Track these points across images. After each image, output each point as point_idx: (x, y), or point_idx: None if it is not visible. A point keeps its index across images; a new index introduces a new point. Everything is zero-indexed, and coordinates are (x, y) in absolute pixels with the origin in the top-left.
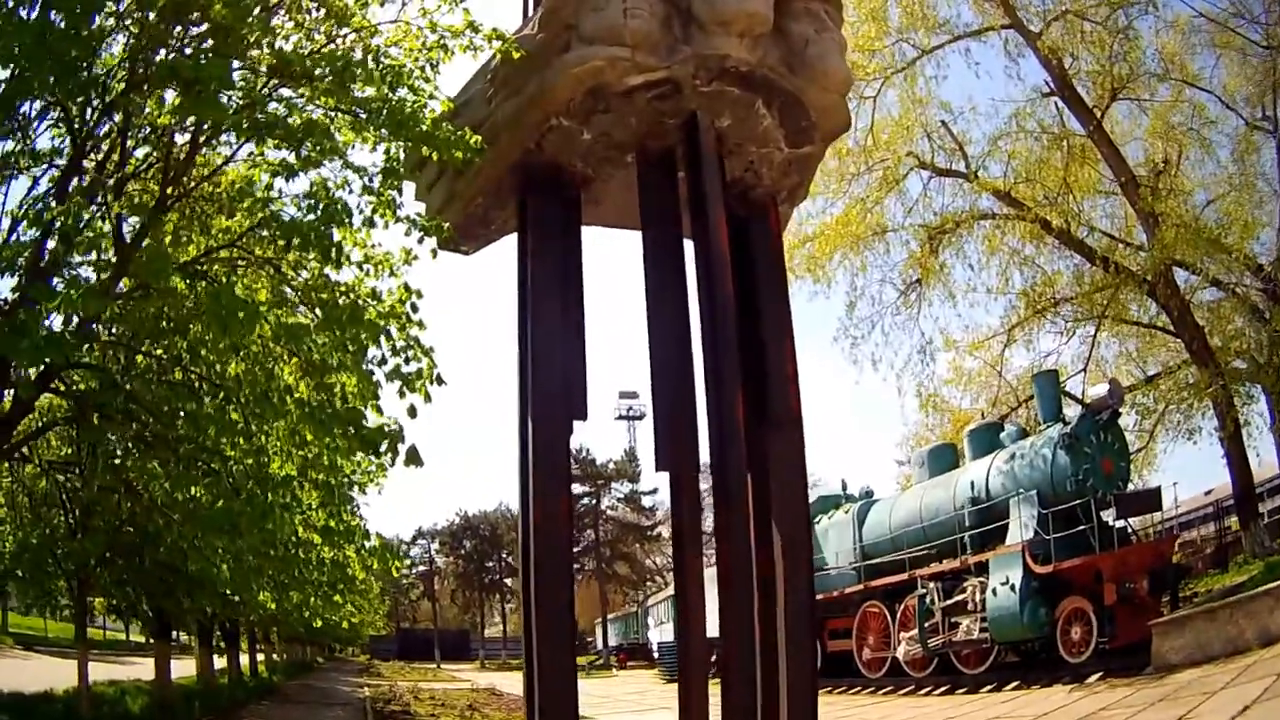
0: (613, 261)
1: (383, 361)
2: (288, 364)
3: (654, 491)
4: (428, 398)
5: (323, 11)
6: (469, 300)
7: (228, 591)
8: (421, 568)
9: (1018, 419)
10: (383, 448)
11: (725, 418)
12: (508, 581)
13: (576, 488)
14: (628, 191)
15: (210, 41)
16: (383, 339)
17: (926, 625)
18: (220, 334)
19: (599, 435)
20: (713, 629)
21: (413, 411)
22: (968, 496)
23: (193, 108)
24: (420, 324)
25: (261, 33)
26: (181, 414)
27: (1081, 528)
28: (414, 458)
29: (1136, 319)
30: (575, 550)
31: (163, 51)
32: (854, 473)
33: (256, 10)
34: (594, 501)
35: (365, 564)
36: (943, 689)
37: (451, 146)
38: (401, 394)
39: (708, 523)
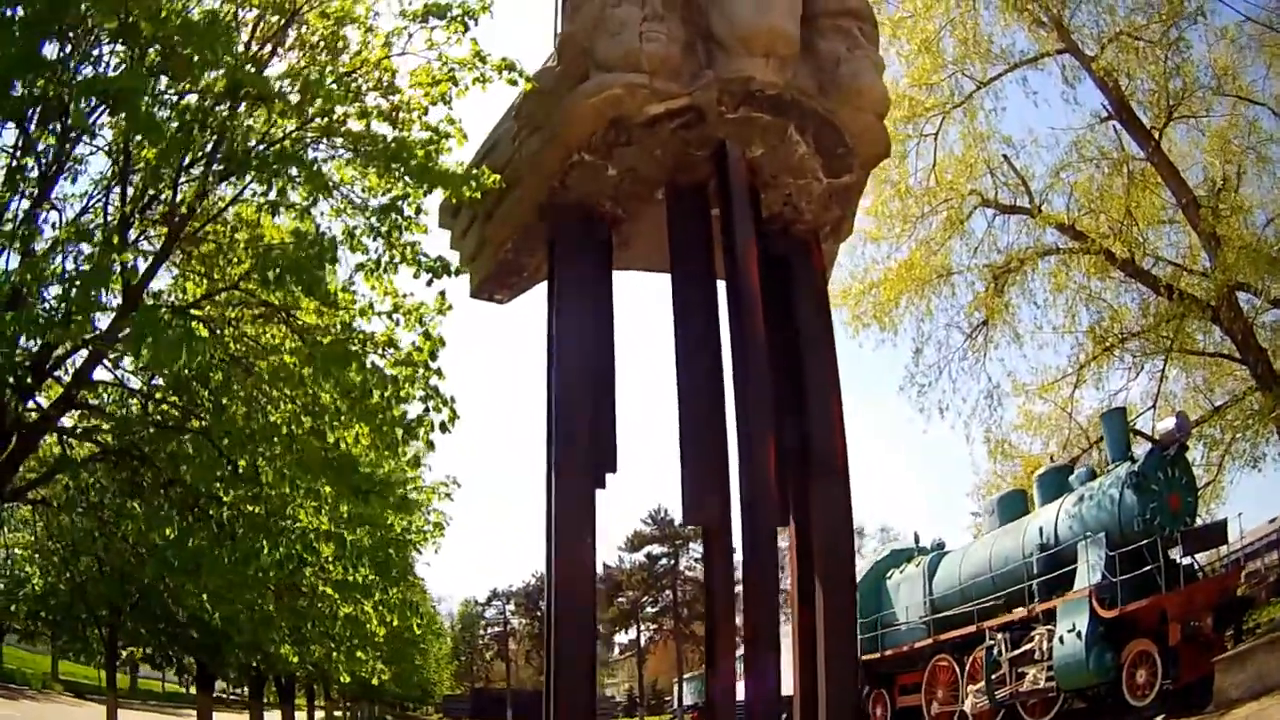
0: (660, 303)
1: (387, 408)
2: (279, 409)
3: (733, 552)
4: (430, 445)
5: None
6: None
7: (244, 642)
8: (496, 629)
9: (1088, 461)
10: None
11: (754, 470)
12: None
13: (655, 548)
14: (660, 232)
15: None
16: (392, 386)
17: (994, 677)
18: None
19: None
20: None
21: (424, 451)
22: (1036, 543)
23: (130, 124)
24: (439, 373)
25: (212, 54)
26: (171, 455)
27: (1148, 568)
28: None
29: (1203, 348)
30: (654, 610)
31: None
32: (928, 525)
33: (202, 27)
34: (672, 562)
35: (384, 620)
36: None
37: (457, 183)
38: (405, 441)
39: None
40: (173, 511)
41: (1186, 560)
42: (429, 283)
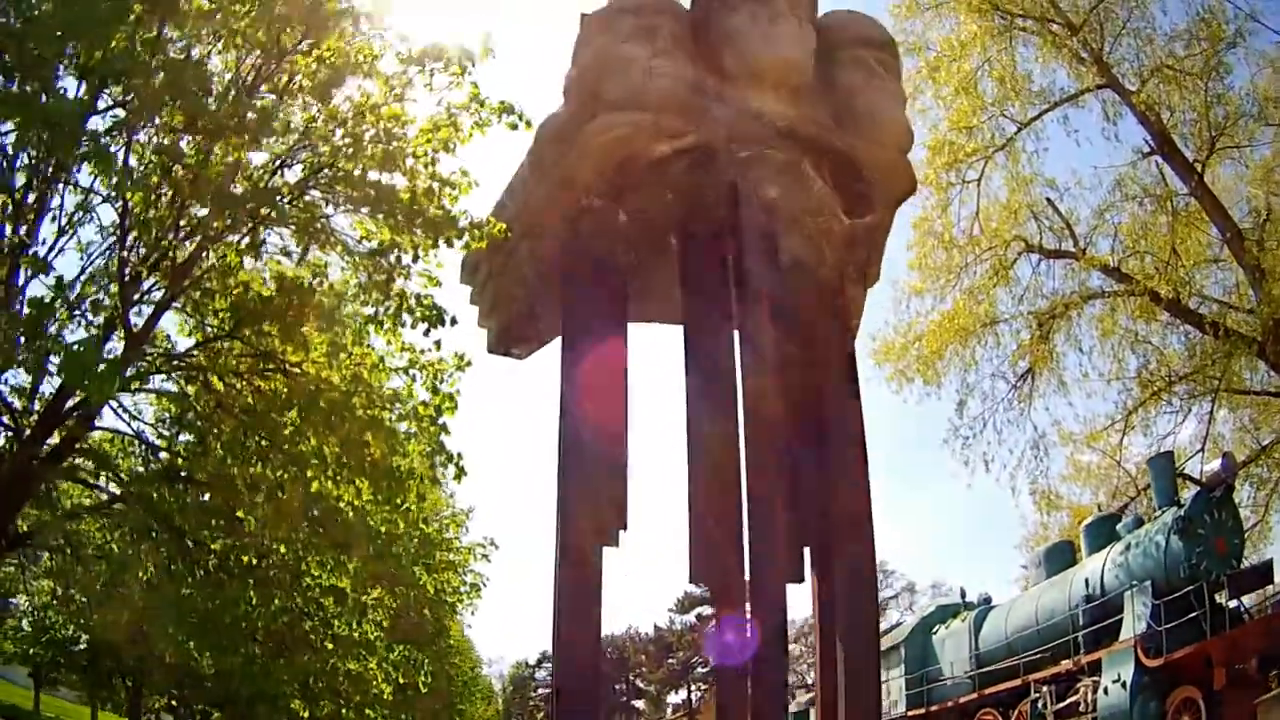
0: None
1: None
2: (269, 459)
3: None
4: (420, 499)
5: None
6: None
7: (249, 694)
8: (546, 690)
9: (1136, 508)
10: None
11: (762, 528)
12: (636, 704)
13: (705, 609)
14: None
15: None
16: (390, 440)
17: None
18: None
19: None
20: None
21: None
22: (1082, 594)
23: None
24: (444, 429)
25: (171, 90)
26: (165, 502)
27: (1194, 614)
28: None
29: (1250, 387)
30: (704, 670)
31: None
32: (981, 579)
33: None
34: None
35: (390, 677)
36: None
37: (445, 228)
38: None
39: None
40: (165, 558)
41: (1233, 603)
42: (425, 332)
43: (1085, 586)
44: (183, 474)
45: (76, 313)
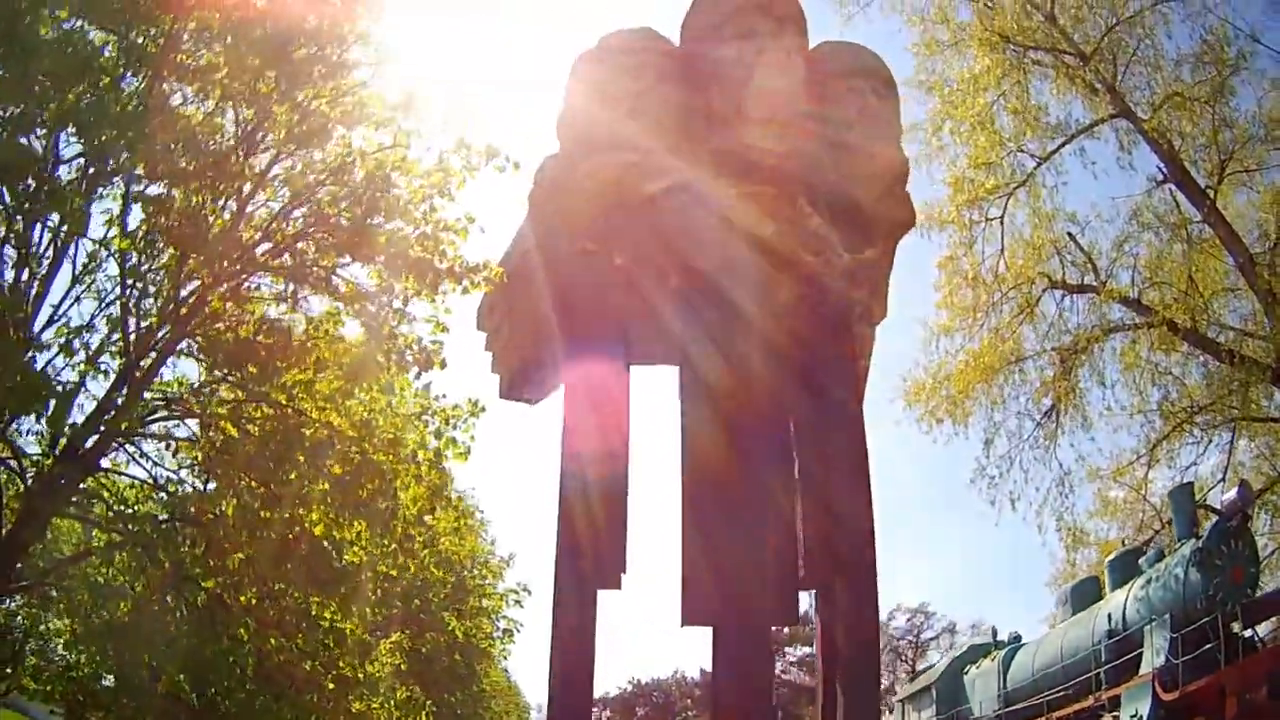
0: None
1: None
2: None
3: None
4: (405, 542)
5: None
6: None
7: None
8: None
9: (1162, 542)
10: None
11: (748, 568)
12: None
13: None
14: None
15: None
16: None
17: None
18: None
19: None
20: None
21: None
22: (1104, 630)
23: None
24: (441, 473)
25: (136, 140)
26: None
27: (1208, 645)
28: None
29: (1268, 414)
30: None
31: None
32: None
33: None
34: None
35: (392, 716)
36: None
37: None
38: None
39: None
40: (156, 594)
41: (1248, 632)
42: (417, 375)
43: (1108, 622)
44: (177, 515)
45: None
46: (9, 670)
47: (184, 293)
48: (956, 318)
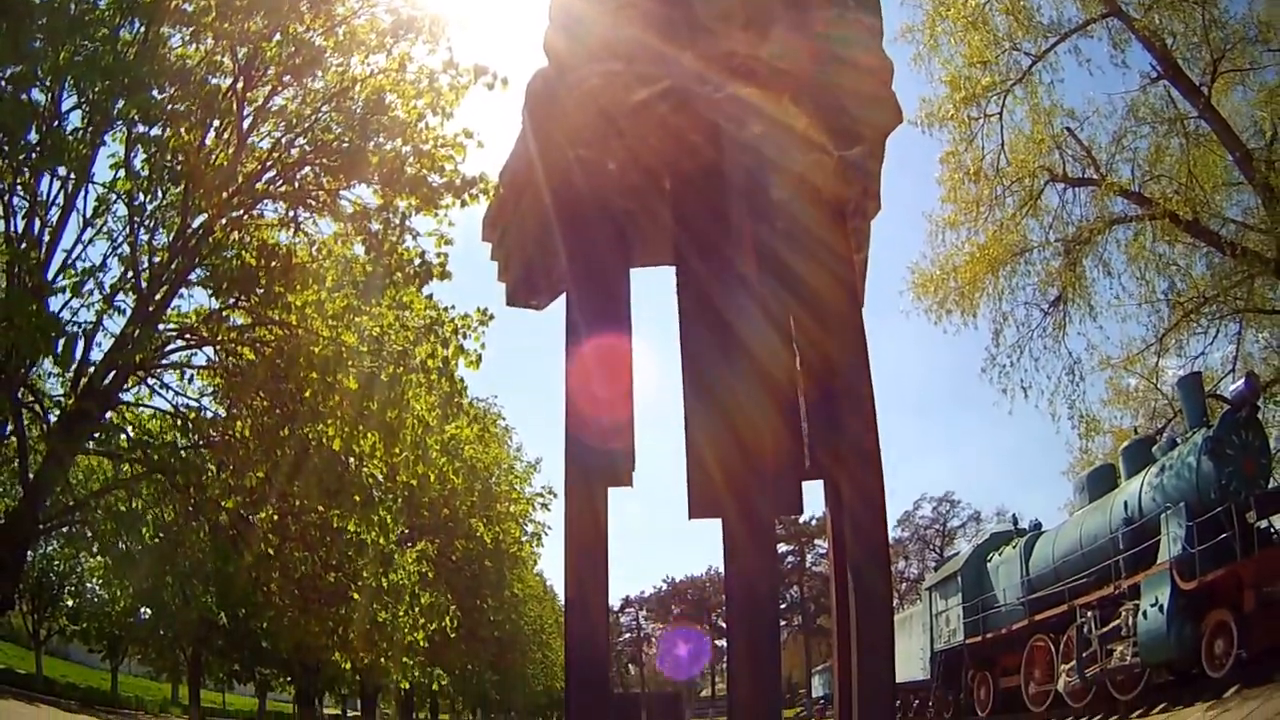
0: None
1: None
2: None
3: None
4: (415, 450)
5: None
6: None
7: (289, 646)
8: (629, 634)
9: (1173, 430)
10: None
11: (751, 459)
12: (718, 643)
13: (781, 546)
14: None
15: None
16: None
17: (1084, 655)
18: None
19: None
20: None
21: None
22: (1121, 518)
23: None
24: (451, 379)
25: (133, 87)
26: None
27: (1224, 535)
28: None
29: (1274, 306)
30: (782, 607)
31: None
32: (1040, 506)
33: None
34: (798, 559)
35: (416, 623)
36: (1098, 718)
37: (423, 189)
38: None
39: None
40: (176, 518)
41: (1263, 524)
42: (418, 287)
43: (1125, 510)
44: (197, 439)
45: (91, 299)
46: (49, 611)
47: (193, 226)
48: (961, 211)
